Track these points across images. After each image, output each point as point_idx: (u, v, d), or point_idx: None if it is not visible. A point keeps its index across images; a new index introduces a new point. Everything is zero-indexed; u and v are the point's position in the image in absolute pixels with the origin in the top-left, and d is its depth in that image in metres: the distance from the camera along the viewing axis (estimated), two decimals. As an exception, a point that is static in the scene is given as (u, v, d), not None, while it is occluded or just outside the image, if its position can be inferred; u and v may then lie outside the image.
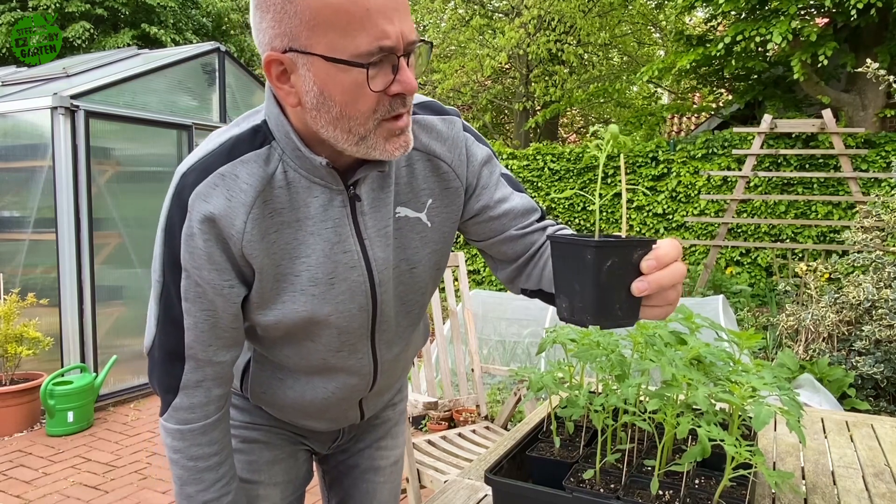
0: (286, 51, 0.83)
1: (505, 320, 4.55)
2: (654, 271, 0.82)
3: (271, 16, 0.82)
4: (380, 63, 0.82)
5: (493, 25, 9.93)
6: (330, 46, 0.81)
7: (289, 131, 0.92)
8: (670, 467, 1.17)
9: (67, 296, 4.35)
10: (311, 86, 0.84)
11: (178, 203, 0.91)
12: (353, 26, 0.80)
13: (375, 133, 0.87)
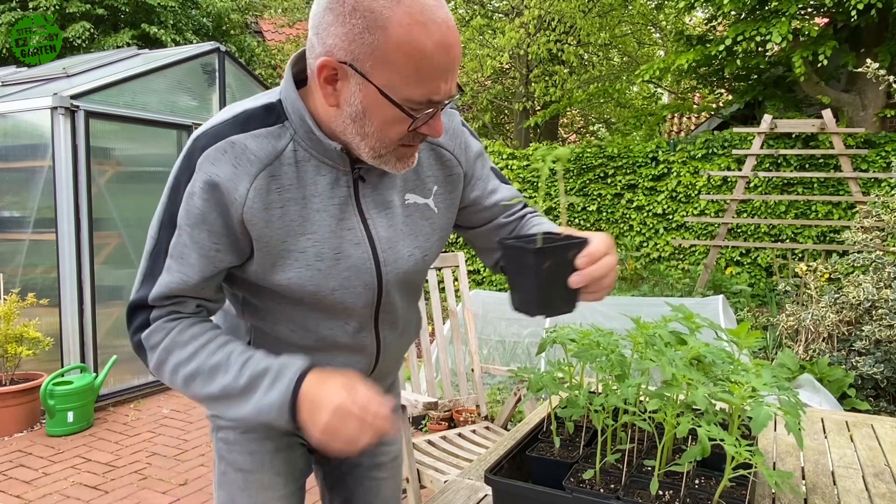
0: (344, 63, 0.89)
1: (505, 320, 4.55)
2: (588, 266, 0.94)
3: (345, 30, 0.87)
4: (420, 110, 0.91)
5: (494, 25, 9.92)
6: (388, 84, 0.88)
7: (304, 115, 0.97)
8: (670, 467, 1.17)
9: (67, 296, 4.35)
10: (355, 102, 0.92)
11: (186, 164, 0.96)
12: (416, 79, 0.88)
13: (392, 153, 0.97)
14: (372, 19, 0.85)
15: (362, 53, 0.87)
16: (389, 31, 0.85)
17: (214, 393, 0.99)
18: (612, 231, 7.50)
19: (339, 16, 0.87)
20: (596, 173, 7.54)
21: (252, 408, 0.98)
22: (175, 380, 1.01)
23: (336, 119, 0.96)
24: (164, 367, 1.01)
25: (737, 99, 8.19)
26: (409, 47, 0.85)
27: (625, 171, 7.40)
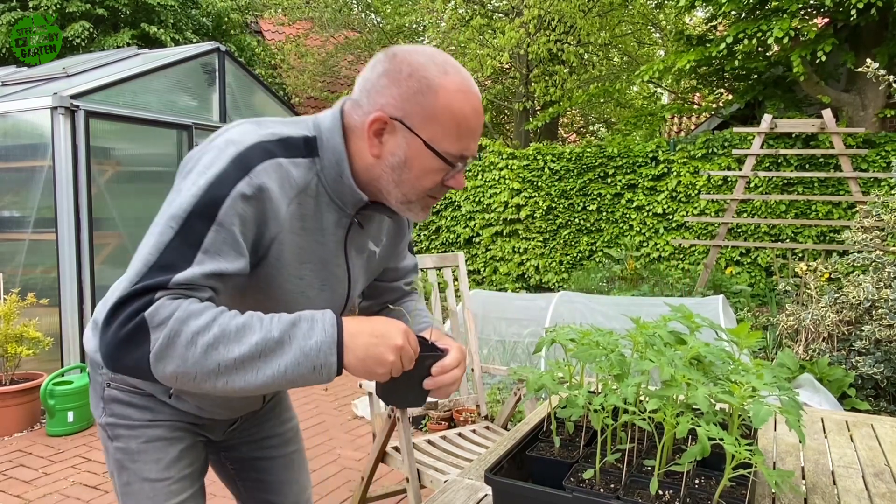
0: (395, 119, 1.04)
1: (505, 320, 4.55)
2: (439, 375, 1.11)
3: (399, 91, 1.03)
4: (454, 164, 1.08)
5: (494, 25, 9.92)
6: (433, 137, 1.05)
7: (342, 161, 1.09)
8: (670, 467, 1.17)
9: (67, 296, 4.35)
10: (399, 152, 1.06)
11: (238, 164, 0.99)
12: (457, 136, 1.05)
13: (419, 202, 1.12)
14: (426, 84, 1.03)
15: (413, 111, 1.03)
16: (439, 94, 1.03)
17: (245, 353, 0.93)
18: (612, 230, 7.50)
19: (395, 80, 1.04)
20: (596, 173, 7.54)
21: (292, 356, 0.95)
22: (191, 351, 0.92)
23: (373, 168, 1.09)
24: (178, 338, 0.91)
25: (737, 99, 8.19)
26: (453, 109, 1.04)
27: (625, 171, 7.40)
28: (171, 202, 0.99)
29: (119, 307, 0.93)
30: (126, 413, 1.26)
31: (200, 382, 0.94)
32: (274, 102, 6.30)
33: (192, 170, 1.01)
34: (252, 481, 1.49)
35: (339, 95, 11.14)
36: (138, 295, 0.93)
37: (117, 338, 0.92)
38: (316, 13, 10.61)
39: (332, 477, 3.41)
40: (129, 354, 0.92)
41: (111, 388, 1.27)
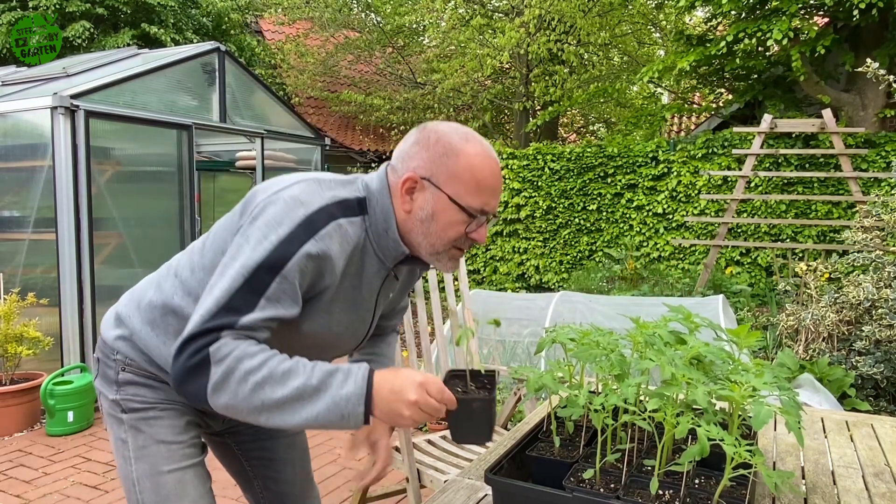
0: (424, 178, 1.20)
1: (505, 320, 4.55)
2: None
3: (427, 155, 1.20)
4: (476, 217, 1.21)
5: (494, 25, 9.92)
6: (456, 193, 1.19)
7: (390, 219, 1.24)
8: (670, 467, 1.17)
9: (67, 296, 4.35)
10: (427, 207, 1.21)
11: (307, 227, 1.14)
12: (477, 192, 1.20)
13: (446, 253, 1.25)
14: (450, 147, 1.19)
15: (439, 171, 1.19)
16: (461, 157, 1.19)
17: (286, 395, 1.07)
18: (612, 230, 7.50)
19: (424, 146, 1.21)
20: (596, 173, 7.54)
21: (325, 404, 1.08)
22: (242, 388, 1.06)
23: (406, 222, 1.23)
24: (233, 375, 1.06)
25: (737, 99, 8.18)
26: (474, 169, 1.19)
27: (625, 171, 7.40)
28: (240, 247, 1.13)
29: (190, 340, 1.08)
30: (140, 392, 1.36)
31: (246, 416, 1.09)
32: (274, 102, 6.30)
33: (258, 218, 1.15)
34: (258, 459, 1.58)
35: (339, 95, 11.14)
36: (207, 332, 1.08)
37: (185, 367, 1.07)
38: (316, 13, 10.60)
39: (332, 477, 3.41)
40: (193, 382, 1.08)
41: (126, 371, 1.36)
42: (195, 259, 1.31)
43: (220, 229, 1.28)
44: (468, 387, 1.29)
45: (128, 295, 1.44)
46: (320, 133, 6.93)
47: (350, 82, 11.88)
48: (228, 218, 1.28)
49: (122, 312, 1.39)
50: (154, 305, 1.34)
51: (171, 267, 1.38)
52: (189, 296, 1.29)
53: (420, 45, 12.17)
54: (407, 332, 3.00)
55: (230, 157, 6.75)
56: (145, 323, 1.34)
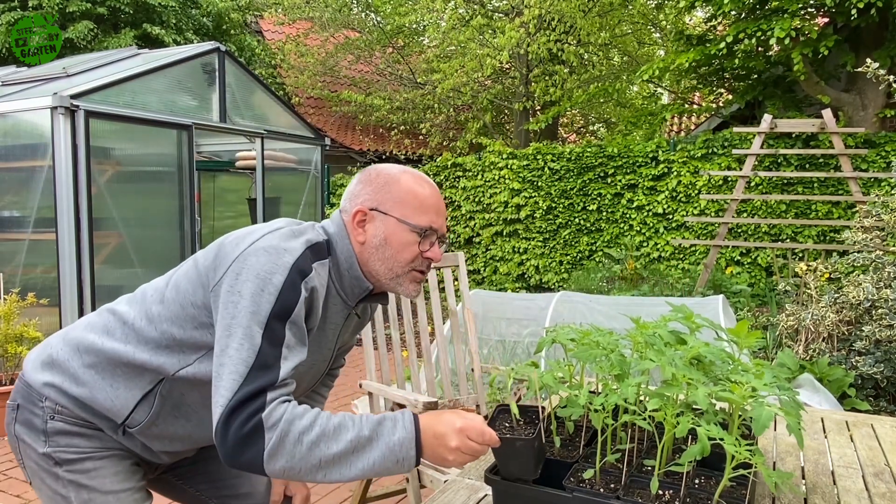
0: (372, 209, 1.29)
1: (505, 320, 4.54)
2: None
3: (371, 188, 1.30)
4: (426, 235, 1.29)
5: (494, 25, 9.92)
6: (403, 214, 1.28)
7: (352, 258, 1.30)
8: (670, 467, 1.17)
9: (67, 296, 4.35)
10: (379, 233, 1.28)
11: (299, 271, 1.19)
12: (421, 211, 1.29)
13: (406, 276, 1.31)
14: (389, 178, 1.30)
15: (384, 199, 1.29)
16: (401, 182, 1.30)
17: (343, 449, 1.12)
18: (612, 230, 7.50)
19: (367, 182, 1.31)
20: (596, 173, 7.54)
21: (380, 451, 1.14)
22: (299, 449, 1.10)
23: (363, 253, 1.30)
24: (287, 438, 1.09)
25: (737, 99, 8.18)
26: (415, 192, 1.29)
27: (625, 171, 7.40)
28: (236, 304, 1.15)
29: (237, 409, 1.09)
30: (73, 443, 1.29)
31: (305, 475, 1.12)
32: (274, 102, 6.30)
33: (243, 272, 1.17)
34: (207, 483, 1.54)
35: (339, 95, 11.14)
36: (252, 397, 1.10)
37: (238, 437, 1.08)
38: (316, 13, 10.60)
39: (332, 477, 3.41)
40: (248, 451, 1.09)
41: (56, 420, 1.29)
42: (154, 309, 1.28)
43: (184, 280, 1.27)
44: (515, 422, 1.32)
45: (59, 338, 1.36)
46: (320, 133, 6.93)
47: (350, 82, 11.89)
48: (192, 270, 1.27)
49: (57, 356, 1.32)
50: (100, 350, 1.29)
51: (116, 313, 1.33)
52: (146, 345, 1.27)
53: (420, 45, 12.17)
54: (407, 332, 3.00)
55: (230, 157, 6.75)
56: (87, 367, 1.29)
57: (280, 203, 6.47)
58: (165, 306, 1.27)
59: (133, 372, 1.28)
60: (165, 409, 1.30)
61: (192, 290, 1.24)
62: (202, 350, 1.26)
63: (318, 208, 6.91)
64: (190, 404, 1.31)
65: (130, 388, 1.28)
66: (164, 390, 1.29)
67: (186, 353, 1.26)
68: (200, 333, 1.25)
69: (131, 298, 1.36)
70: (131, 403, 1.28)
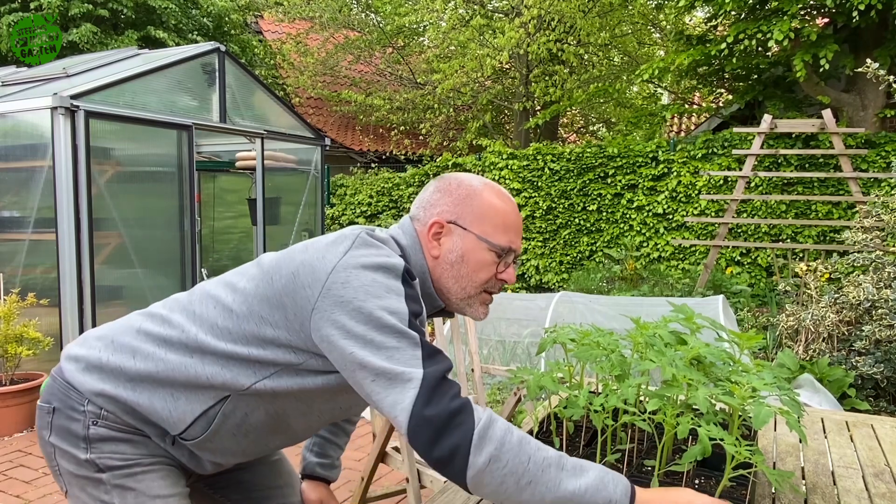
0: (450, 222, 1.22)
1: (505, 320, 4.55)
2: None
3: (451, 199, 1.23)
4: (503, 255, 1.23)
5: (494, 25, 9.92)
6: (483, 232, 1.21)
7: (426, 272, 1.24)
8: (670, 467, 1.17)
9: (67, 296, 4.35)
10: (457, 249, 1.21)
11: (408, 281, 1.13)
12: (503, 230, 1.22)
13: (477, 298, 1.25)
14: (471, 190, 1.23)
15: (464, 213, 1.21)
16: (483, 197, 1.22)
17: (552, 456, 1.01)
18: (612, 231, 7.50)
19: (445, 192, 1.24)
20: (596, 173, 7.54)
21: (593, 483, 1.00)
22: (509, 438, 1.00)
23: (436, 268, 1.23)
24: (497, 423, 1.01)
25: (737, 99, 8.18)
26: (497, 209, 1.22)
27: (625, 171, 7.40)
28: (361, 310, 1.05)
29: (437, 387, 1.02)
30: (119, 449, 1.22)
31: (508, 476, 0.98)
32: (274, 102, 6.30)
33: (352, 281, 1.08)
34: (239, 493, 1.48)
35: (340, 95, 11.14)
36: (444, 378, 1.04)
37: (447, 412, 1.00)
38: (316, 13, 10.61)
39: (332, 477, 3.41)
40: (456, 431, 0.99)
41: (99, 425, 1.21)
42: (220, 323, 1.19)
43: (256, 298, 1.16)
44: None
45: (105, 341, 1.26)
46: (320, 133, 6.93)
47: (350, 82, 11.89)
48: (265, 286, 1.16)
49: (109, 361, 1.22)
50: (160, 360, 1.21)
51: (173, 323, 1.23)
52: (213, 357, 1.18)
53: (420, 46, 12.18)
54: (407, 333, 2.99)
55: (230, 157, 6.75)
56: (146, 375, 1.21)
57: (280, 203, 6.47)
58: (236, 323, 1.17)
59: (196, 386, 1.19)
60: (225, 426, 1.22)
61: (271, 309, 1.14)
62: (280, 365, 1.16)
63: (318, 208, 6.91)
64: (252, 423, 1.23)
65: (191, 402, 1.19)
66: (227, 408, 1.20)
67: (263, 366, 1.17)
68: (284, 352, 1.15)
69: (185, 307, 1.24)
70: (190, 418, 1.20)
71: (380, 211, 8.92)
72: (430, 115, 10.89)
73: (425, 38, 11.91)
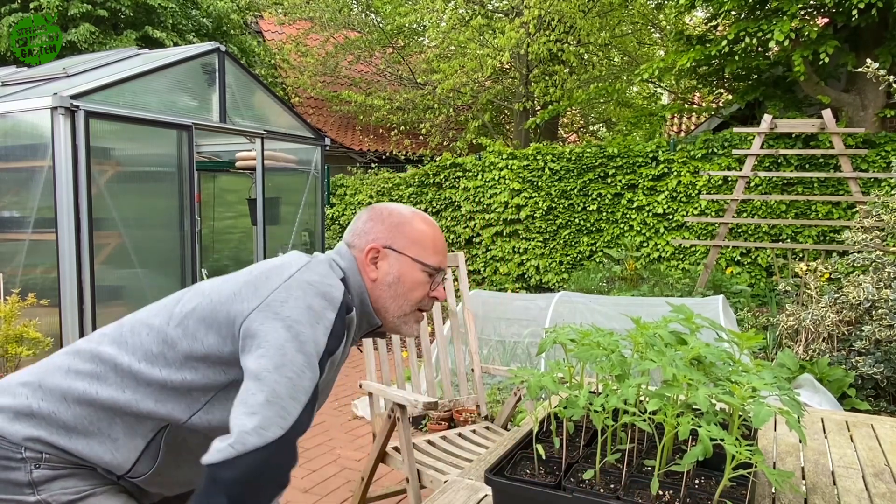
0: (385, 247, 1.33)
1: (505, 320, 4.55)
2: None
3: (384, 227, 1.34)
4: (435, 275, 1.36)
5: (494, 25, 9.92)
6: (416, 254, 1.34)
7: (364, 293, 1.33)
8: (670, 467, 1.17)
9: (67, 296, 4.35)
10: (393, 270, 1.32)
11: (346, 310, 1.23)
12: (432, 252, 1.35)
13: (412, 315, 1.35)
14: (402, 218, 1.35)
15: (397, 238, 1.33)
16: (414, 224, 1.35)
17: None
18: (612, 231, 7.50)
19: (378, 221, 1.35)
20: (596, 173, 7.54)
21: None
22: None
23: (374, 290, 1.33)
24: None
25: (737, 99, 8.18)
26: (426, 232, 1.35)
27: (625, 171, 7.40)
28: (290, 329, 1.12)
29: (283, 442, 1.07)
30: (69, 484, 1.20)
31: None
32: (274, 102, 6.30)
33: (290, 301, 1.15)
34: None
35: (339, 95, 11.14)
36: (292, 440, 1.09)
37: (279, 471, 1.08)
38: (316, 13, 10.61)
39: (332, 477, 3.41)
40: (266, 494, 1.09)
41: (42, 468, 1.18)
42: (154, 350, 1.20)
43: (193, 318, 1.19)
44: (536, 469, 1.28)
45: (31, 386, 1.22)
46: (320, 133, 6.93)
47: (350, 82, 11.89)
48: (204, 306, 1.20)
49: (39, 408, 1.19)
50: (93, 400, 1.19)
51: (103, 357, 1.22)
52: (147, 390, 1.18)
53: (420, 46, 12.18)
54: (407, 333, 2.99)
55: (230, 157, 6.75)
56: (79, 418, 1.19)
57: (280, 203, 6.47)
58: (170, 346, 1.18)
59: (133, 421, 1.19)
60: (169, 456, 1.22)
61: (206, 328, 1.17)
62: (211, 392, 1.18)
63: (318, 208, 6.91)
64: (192, 449, 1.24)
65: (131, 438, 1.19)
66: (167, 438, 1.21)
67: (195, 396, 1.18)
68: (214, 372, 1.17)
69: (115, 339, 1.24)
70: (134, 455, 1.20)
71: (380, 211, 8.91)
72: (430, 115, 10.89)
73: (425, 38, 11.90)
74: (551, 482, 1.18)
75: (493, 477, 1.21)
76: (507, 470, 1.25)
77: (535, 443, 1.29)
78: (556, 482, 1.17)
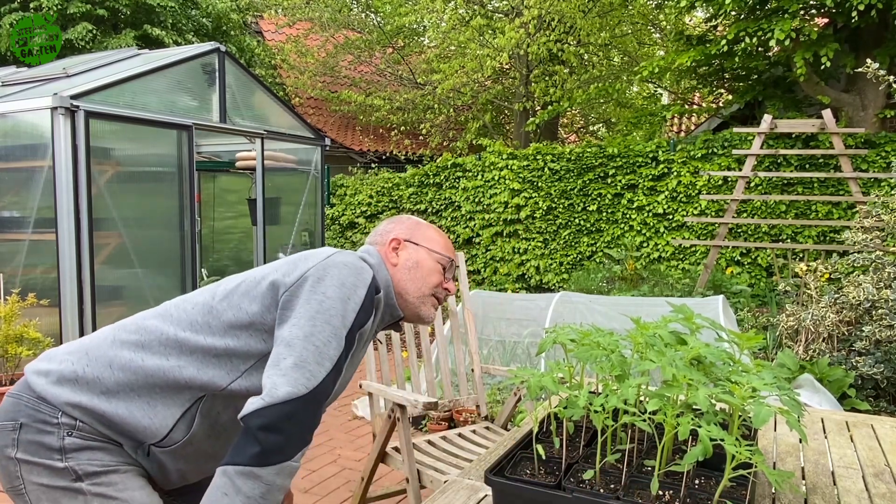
0: (405, 240, 1.52)
1: (505, 320, 4.55)
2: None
3: (403, 227, 1.56)
4: (448, 267, 1.55)
5: (494, 25, 9.92)
6: (431, 247, 1.53)
7: (389, 285, 1.47)
8: (670, 467, 1.17)
9: (67, 296, 4.35)
10: (412, 257, 1.51)
11: (374, 290, 1.38)
12: (444, 250, 1.55)
13: (429, 299, 1.51)
14: (418, 223, 1.57)
15: (414, 235, 1.54)
16: (428, 228, 1.57)
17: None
18: (612, 231, 7.50)
19: (398, 223, 1.57)
20: (596, 173, 7.54)
21: None
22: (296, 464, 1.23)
23: (395, 274, 1.49)
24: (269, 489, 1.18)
25: (737, 99, 8.18)
26: (437, 235, 1.57)
27: (625, 171, 7.40)
28: (321, 303, 1.26)
29: (310, 399, 1.21)
30: (96, 456, 1.24)
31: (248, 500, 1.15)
32: (274, 102, 6.30)
33: (327, 278, 1.28)
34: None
35: (339, 95, 11.14)
36: (321, 398, 1.23)
37: (296, 438, 1.21)
38: (316, 13, 10.61)
39: (332, 477, 3.41)
40: (293, 444, 1.21)
41: (74, 436, 1.23)
42: (200, 320, 1.30)
43: (237, 293, 1.32)
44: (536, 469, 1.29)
45: (79, 353, 1.30)
46: (320, 133, 6.93)
47: (350, 82, 11.89)
48: (249, 284, 1.33)
49: (84, 373, 1.26)
50: (139, 368, 1.26)
51: (148, 328, 1.31)
52: (191, 358, 1.27)
53: (420, 46, 12.17)
54: (407, 333, 3.00)
55: (230, 157, 6.75)
56: (122, 385, 1.25)
57: (280, 203, 6.47)
58: (215, 316, 1.29)
59: (174, 389, 1.26)
60: (203, 427, 1.29)
61: (251, 300, 1.30)
62: (252, 360, 1.28)
63: (318, 209, 6.91)
64: (224, 423, 1.31)
65: (169, 406, 1.26)
66: (204, 408, 1.28)
67: (235, 363, 1.28)
68: (255, 340, 1.28)
69: (160, 314, 1.34)
70: (171, 422, 1.26)
71: (380, 211, 8.92)
72: (430, 116, 10.89)
73: (425, 38, 11.90)
74: (551, 482, 1.19)
75: (493, 477, 1.21)
76: (508, 470, 1.25)
77: (535, 443, 1.29)
78: (557, 482, 1.17)
